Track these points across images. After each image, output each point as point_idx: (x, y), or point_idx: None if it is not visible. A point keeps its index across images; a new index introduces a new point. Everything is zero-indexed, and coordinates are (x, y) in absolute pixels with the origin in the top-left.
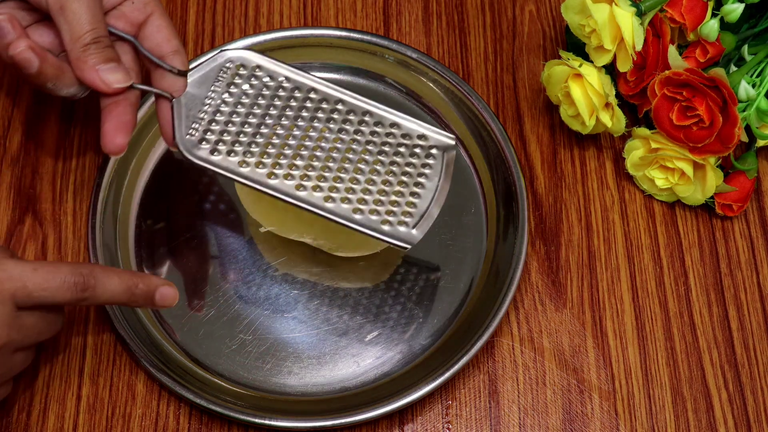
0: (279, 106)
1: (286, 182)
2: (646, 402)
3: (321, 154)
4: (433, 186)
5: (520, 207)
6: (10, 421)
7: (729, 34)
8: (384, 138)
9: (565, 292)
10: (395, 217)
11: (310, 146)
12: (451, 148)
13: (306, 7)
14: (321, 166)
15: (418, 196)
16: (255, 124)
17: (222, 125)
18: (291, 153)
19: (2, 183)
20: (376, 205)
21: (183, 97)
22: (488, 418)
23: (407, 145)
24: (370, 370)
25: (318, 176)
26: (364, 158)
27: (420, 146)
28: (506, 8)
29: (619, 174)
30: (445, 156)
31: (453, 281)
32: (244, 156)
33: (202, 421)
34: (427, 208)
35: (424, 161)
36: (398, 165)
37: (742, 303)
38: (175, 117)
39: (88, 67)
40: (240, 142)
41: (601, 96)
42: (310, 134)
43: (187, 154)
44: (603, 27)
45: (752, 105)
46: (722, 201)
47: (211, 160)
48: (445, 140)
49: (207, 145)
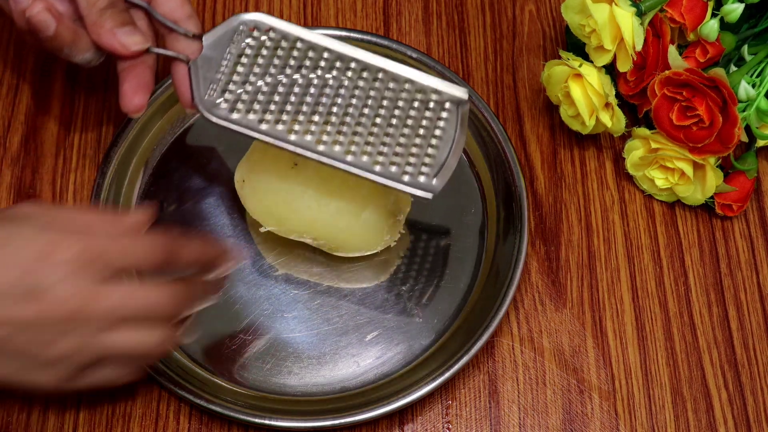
0: (294, 66)
1: (306, 138)
2: (646, 402)
3: (338, 110)
4: (450, 138)
5: (520, 207)
6: (10, 421)
7: (729, 34)
8: (399, 94)
9: (565, 292)
10: (415, 168)
11: (326, 103)
12: (465, 101)
13: (306, 7)
14: (339, 122)
15: (435, 148)
16: (271, 83)
17: (239, 85)
18: (308, 110)
19: (2, 183)
20: (395, 157)
21: (199, 60)
22: (488, 418)
23: (422, 100)
24: (370, 370)
25: (336, 131)
26: (380, 113)
27: (434, 101)
28: (506, 8)
29: (619, 174)
30: (459, 109)
31: (453, 281)
32: (263, 114)
33: (202, 421)
34: (445, 158)
35: (439, 114)
36: (414, 119)
37: (742, 303)
38: (192, 79)
39: (105, 31)
40: (258, 101)
41: (601, 96)
42: (326, 91)
43: (207, 114)
44: (603, 27)
45: (752, 105)
46: (722, 201)
47: (231, 118)
48: (458, 94)
49: (225, 105)
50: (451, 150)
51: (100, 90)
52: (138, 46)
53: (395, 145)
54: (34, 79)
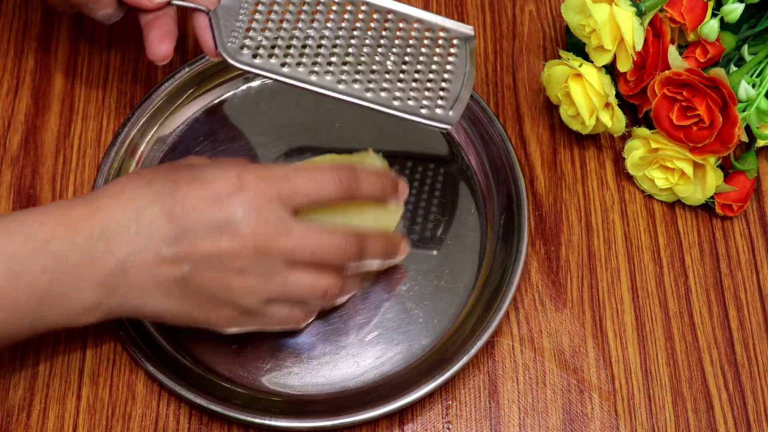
0: (308, 11)
1: (327, 78)
2: (646, 402)
3: (354, 51)
4: (461, 72)
5: (520, 207)
6: (10, 421)
7: (729, 34)
8: (409, 33)
9: (565, 292)
10: (431, 101)
11: (343, 44)
12: (471, 38)
13: None
14: (356, 62)
15: (449, 82)
16: (288, 29)
17: (258, 32)
18: (327, 52)
19: (2, 183)
20: (412, 92)
21: (219, 9)
22: (488, 418)
23: (431, 37)
24: (370, 370)
25: (355, 70)
26: (393, 51)
27: (443, 38)
28: (506, 8)
29: (619, 174)
30: (468, 45)
31: (453, 281)
32: (285, 57)
33: (202, 421)
34: (459, 92)
35: (449, 51)
36: (426, 55)
37: (742, 303)
38: (214, 28)
39: None
40: (278, 45)
41: (601, 96)
42: (341, 34)
43: (232, 60)
44: (603, 27)
45: (752, 105)
46: (722, 201)
47: (254, 63)
48: (465, 30)
49: (248, 51)
50: (464, 84)
51: (100, 90)
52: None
53: (411, 81)
54: (34, 79)
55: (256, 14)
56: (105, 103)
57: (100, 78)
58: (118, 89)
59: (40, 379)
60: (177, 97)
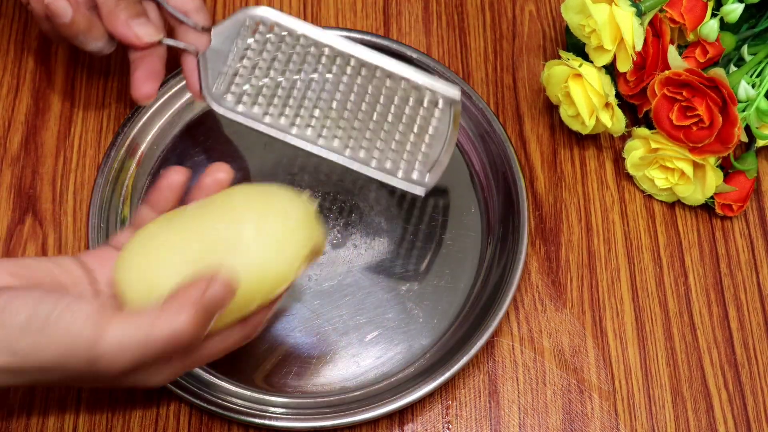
0: (297, 61)
1: (307, 131)
2: (646, 402)
3: (338, 106)
4: (443, 136)
5: (520, 207)
6: (10, 421)
7: (729, 34)
8: (395, 91)
9: (565, 292)
10: (409, 164)
11: (327, 98)
12: (457, 101)
13: (306, 7)
14: (338, 117)
15: (429, 146)
16: (276, 78)
17: (245, 78)
18: (310, 105)
19: (2, 183)
20: (390, 153)
21: (208, 52)
22: (488, 418)
23: (416, 98)
24: (370, 370)
25: (336, 126)
26: (377, 110)
27: (428, 99)
28: (506, 8)
29: (619, 174)
30: (452, 108)
31: (453, 281)
32: (267, 107)
33: (202, 421)
34: (438, 156)
35: (433, 113)
36: (409, 116)
37: (742, 303)
38: (201, 71)
39: (120, 22)
40: (263, 94)
41: (601, 96)
42: (327, 87)
43: (214, 105)
44: (603, 27)
45: (752, 105)
46: (722, 201)
47: (237, 110)
48: (451, 93)
49: (232, 97)
50: (444, 147)
51: (100, 90)
52: (151, 37)
53: (391, 141)
54: (34, 79)
55: (245, 60)
56: (105, 103)
57: (101, 78)
58: (118, 89)
59: None
60: (177, 98)
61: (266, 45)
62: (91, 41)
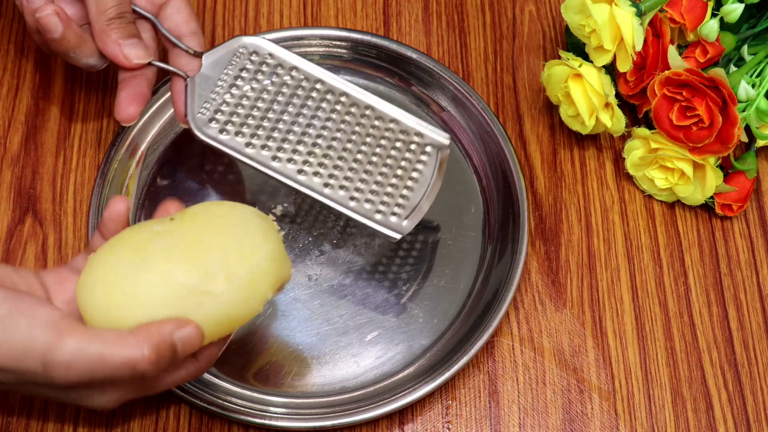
0: (287, 94)
1: (288, 166)
2: (646, 402)
3: (323, 143)
4: (426, 182)
5: (520, 207)
6: (11, 421)
7: (729, 34)
8: (383, 132)
9: (565, 292)
10: (388, 207)
11: (312, 134)
12: (445, 147)
13: (306, 7)
14: (322, 154)
15: (410, 190)
16: (263, 109)
17: (232, 107)
18: (294, 139)
19: (2, 183)
20: (370, 195)
21: (197, 77)
22: (488, 418)
23: (404, 140)
24: (370, 370)
25: (318, 162)
26: (362, 150)
27: (416, 143)
28: (506, 8)
29: (619, 174)
30: (439, 154)
31: (453, 281)
32: (251, 138)
33: (202, 421)
34: (418, 202)
35: (419, 158)
36: (394, 159)
37: (742, 303)
38: (188, 95)
39: (111, 41)
40: (247, 125)
41: (601, 96)
42: (314, 123)
43: (197, 132)
44: (603, 27)
45: (752, 105)
46: (722, 201)
47: (219, 138)
48: (440, 139)
49: (216, 125)
50: (426, 193)
51: (100, 91)
52: (140, 59)
53: (372, 183)
54: (34, 79)
55: (233, 88)
56: (105, 103)
57: (100, 78)
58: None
59: None
60: None
61: (257, 74)
62: (82, 57)
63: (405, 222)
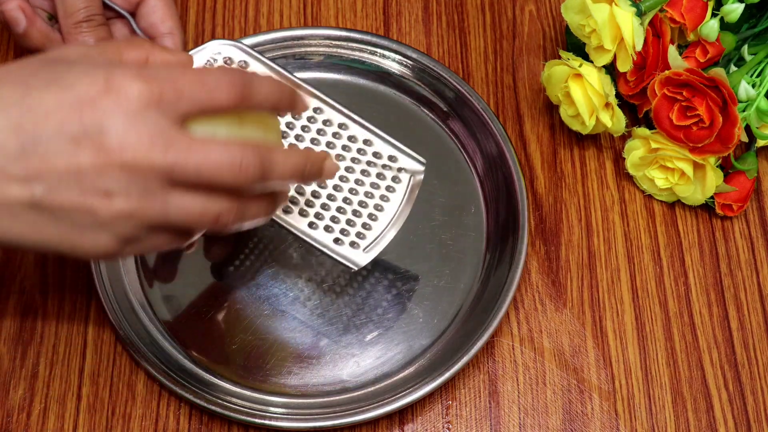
0: None
1: None
2: (646, 402)
3: None
4: (393, 209)
5: (520, 207)
6: (10, 421)
7: (729, 34)
8: (354, 154)
9: (565, 292)
10: (348, 236)
11: None
12: (419, 172)
13: (306, 7)
14: None
15: (375, 219)
16: None
17: None
18: None
19: None
20: (332, 222)
21: None
22: (488, 418)
23: (375, 164)
24: (370, 370)
25: None
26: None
27: (388, 167)
28: (506, 8)
29: (619, 174)
30: (412, 180)
31: (453, 281)
32: None
33: (202, 421)
34: (382, 231)
35: (390, 183)
36: (362, 184)
37: (742, 303)
38: None
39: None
40: None
41: (601, 96)
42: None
43: None
44: (603, 27)
45: (752, 105)
46: (722, 201)
47: None
48: (413, 165)
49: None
50: (391, 222)
51: None
52: None
53: (335, 210)
54: None
55: None
56: None
57: None
58: None
59: (40, 379)
60: None
61: None
62: None
63: (364, 254)
